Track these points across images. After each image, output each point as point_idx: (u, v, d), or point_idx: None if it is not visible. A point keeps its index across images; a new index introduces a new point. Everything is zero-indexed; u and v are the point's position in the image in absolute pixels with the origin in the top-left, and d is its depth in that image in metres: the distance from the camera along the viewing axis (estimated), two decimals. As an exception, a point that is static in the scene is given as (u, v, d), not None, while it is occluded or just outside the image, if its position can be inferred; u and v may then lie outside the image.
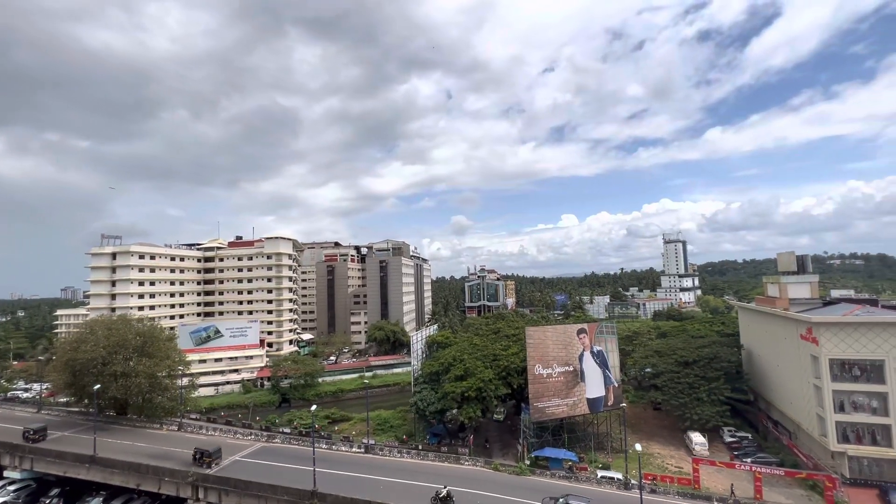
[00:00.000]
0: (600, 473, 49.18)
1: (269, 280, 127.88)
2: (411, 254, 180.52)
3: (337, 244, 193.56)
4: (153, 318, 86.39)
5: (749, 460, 52.25)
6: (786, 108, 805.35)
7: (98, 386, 56.48)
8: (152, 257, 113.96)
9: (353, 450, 57.31)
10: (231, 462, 50.91)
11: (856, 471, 46.78)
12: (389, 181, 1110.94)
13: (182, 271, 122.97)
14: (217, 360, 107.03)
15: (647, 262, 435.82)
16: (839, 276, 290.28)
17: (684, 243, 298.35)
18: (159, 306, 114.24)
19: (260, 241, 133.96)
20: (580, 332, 59.94)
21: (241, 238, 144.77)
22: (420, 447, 57.83)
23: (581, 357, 58.64)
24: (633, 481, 45.79)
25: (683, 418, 60.69)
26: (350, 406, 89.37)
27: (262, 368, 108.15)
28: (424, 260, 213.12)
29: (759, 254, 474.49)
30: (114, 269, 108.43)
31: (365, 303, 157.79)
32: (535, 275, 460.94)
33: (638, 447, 41.84)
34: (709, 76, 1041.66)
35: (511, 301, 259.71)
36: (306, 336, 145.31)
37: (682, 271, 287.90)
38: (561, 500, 39.72)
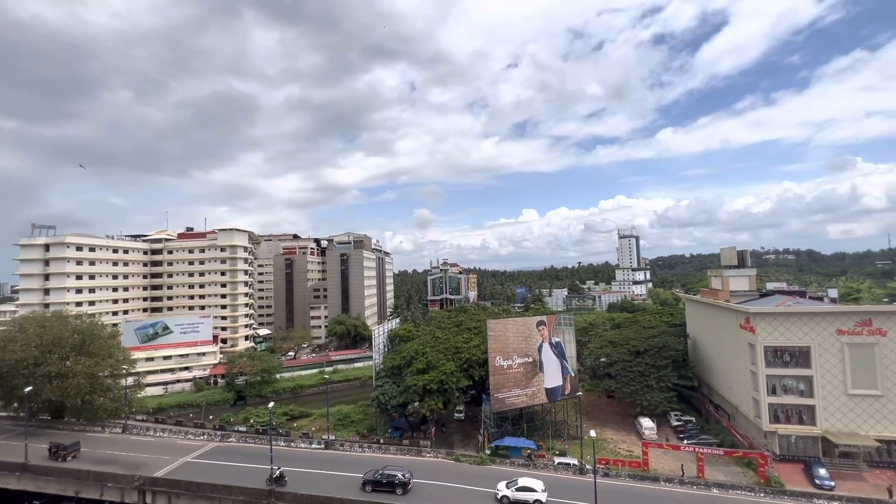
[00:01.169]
0: (557, 460, 50.96)
1: (223, 273, 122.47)
2: (373, 247, 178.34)
3: (296, 237, 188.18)
4: (93, 315, 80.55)
5: (692, 442, 55.88)
6: (731, 112, 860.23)
7: (29, 388, 52.20)
8: (91, 249, 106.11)
9: (313, 446, 56.29)
10: (181, 464, 48.67)
11: (784, 448, 51.10)
12: (351, 173, 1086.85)
13: (126, 264, 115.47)
14: (166, 357, 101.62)
15: (603, 257, 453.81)
16: (774, 269, 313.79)
17: (637, 238, 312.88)
18: (100, 301, 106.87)
19: (213, 232, 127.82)
20: (539, 324, 61.53)
21: (192, 229, 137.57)
22: (381, 441, 57.65)
23: (540, 348, 60.25)
24: (587, 466, 47.79)
25: (634, 404, 63.89)
26: (310, 402, 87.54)
27: (215, 366, 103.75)
28: (386, 253, 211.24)
29: (705, 249, 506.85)
30: (47, 262, 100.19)
31: (325, 297, 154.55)
32: (497, 268, 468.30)
33: (592, 433, 43.64)
34: (662, 79, 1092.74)
35: (473, 294, 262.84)
36: (263, 331, 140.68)
37: (635, 265, 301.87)
38: (380, 472, 43.34)
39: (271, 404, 49.80)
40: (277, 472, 43.54)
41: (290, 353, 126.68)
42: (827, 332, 50.49)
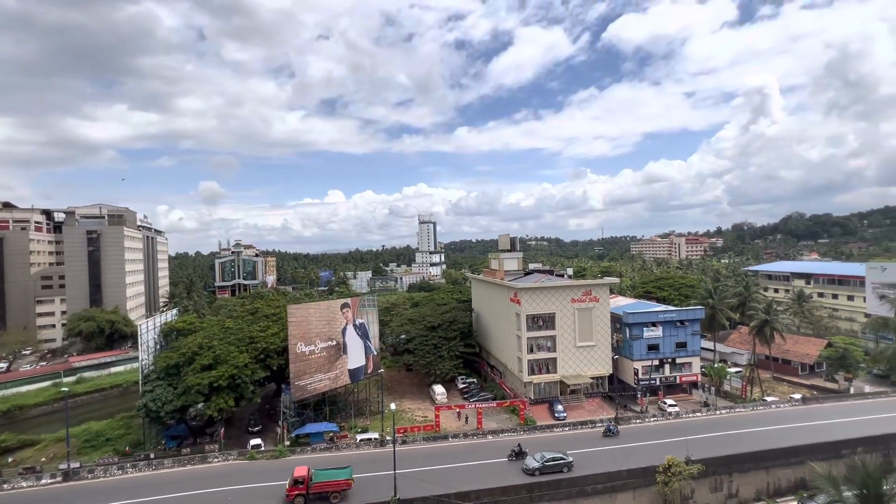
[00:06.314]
0: (359, 437, 52.40)
1: None
2: (140, 223, 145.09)
3: (7, 205, 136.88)
4: None
5: (474, 400, 65.51)
6: (511, 121, 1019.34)
7: None
8: None
9: (45, 482, 43.21)
10: None
11: (537, 393, 64.91)
12: (107, 127, 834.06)
13: None
14: None
15: (405, 240, 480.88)
16: (534, 253, 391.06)
17: (434, 224, 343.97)
18: None
19: None
20: (344, 306, 61.38)
21: None
22: (152, 456, 48.41)
23: (344, 331, 60.26)
24: (387, 438, 50.66)
25: (429, 374, 70.74)
26: (39, 425, 66.55)
27: None
28: (159, 232, 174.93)
29: (487, 235, 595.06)
30: None
31: (63, 286, 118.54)
32: (300, 251, 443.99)
33: (392, 406, 46.43)
34: (462, 81, 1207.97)
35: (272, 279, 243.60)
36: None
37: (432, 249, 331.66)
38: None
39: (-35, 438, 35.44)
40: None
41: (0, 365, 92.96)
42: (565, 301, 65.81)
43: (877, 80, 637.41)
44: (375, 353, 64.52)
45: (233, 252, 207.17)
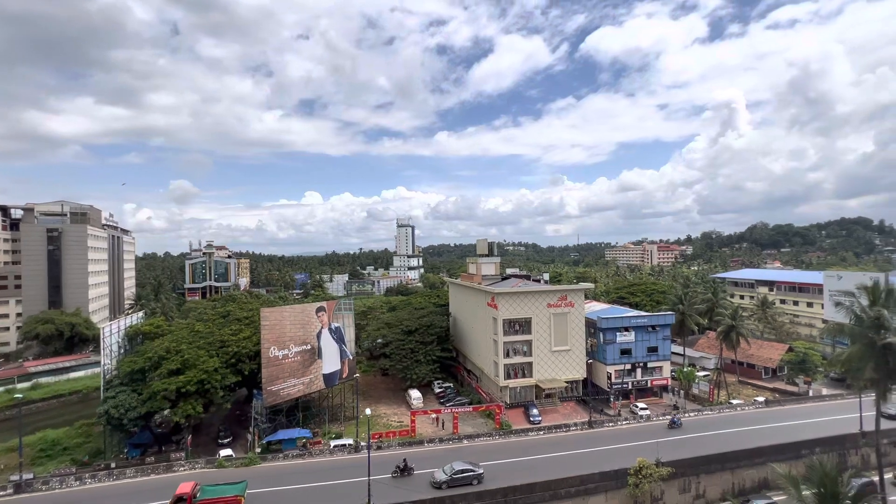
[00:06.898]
0: (333, 443, 51.48)
1: None
2: (105, 222, 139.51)
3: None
4: None
5: (451, 404, 65.33)
6: (490, 127, 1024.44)
7: None
8: None
9: (-7, 494, 40.69)
10: None
11: (513, 397, 65.31)
12: (72, 121, 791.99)
13: None
14: None
15: (383, 244, 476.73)
16: (511, 258, 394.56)
17: (413, 228, 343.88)
18: None
19: None
20: (319, 310, 60.41)
21: None
22: (113, 465, 46.30)
23: (319, 335, 59.27)
24: (362, 444, 49.94)
25: (405, 379, 70.19)
26: (-13, 434, 62.72)
27: None
28: (125, 231, 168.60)
29: (466, 239, 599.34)
30: None
31: (19, 286, 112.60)
32: (275, 253, 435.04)
33: (368, 412, 45.79)
34: (442, 86, 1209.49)
35: (245, 281, 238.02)
36: None
37: (410, 252, 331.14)
38: None
39: None
40: None
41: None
42: (541, 306, 66.59)
43: (835, 98, 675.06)
44: (351, 357, 63.69)
45: (204, 253, 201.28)
